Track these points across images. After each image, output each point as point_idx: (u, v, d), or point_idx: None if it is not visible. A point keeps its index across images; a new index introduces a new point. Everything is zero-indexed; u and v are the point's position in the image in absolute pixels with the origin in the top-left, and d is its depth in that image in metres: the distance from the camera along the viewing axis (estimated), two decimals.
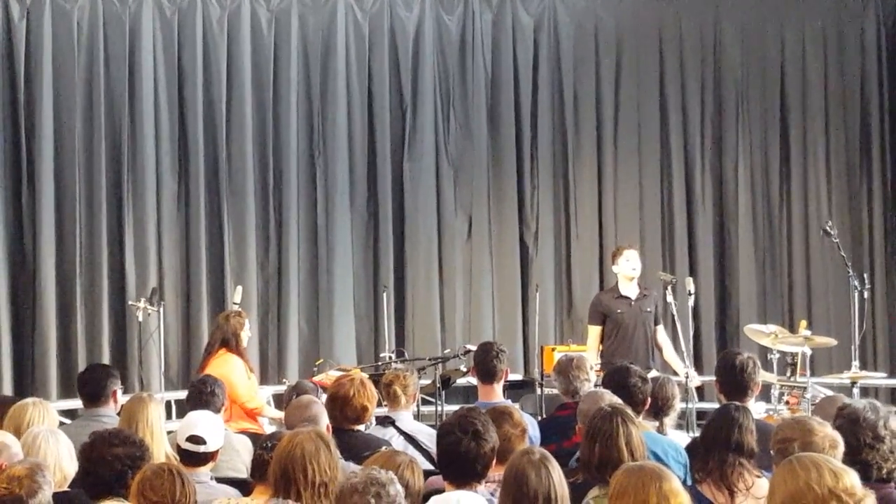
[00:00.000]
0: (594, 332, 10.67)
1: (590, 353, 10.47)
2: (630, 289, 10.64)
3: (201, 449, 5.99)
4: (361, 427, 7.11)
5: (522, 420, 6.11)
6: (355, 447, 6.25)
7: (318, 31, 13.08)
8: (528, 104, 13.54)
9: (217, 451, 6.11)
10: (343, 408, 6.87)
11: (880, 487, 5.01)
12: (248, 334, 9.73)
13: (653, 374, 8.65)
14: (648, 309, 10.58)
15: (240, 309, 10.35)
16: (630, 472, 4.45)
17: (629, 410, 5.73)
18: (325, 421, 6.51)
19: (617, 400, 6.30)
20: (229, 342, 9.46)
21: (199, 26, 12.67)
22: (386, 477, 4.37)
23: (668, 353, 10.66)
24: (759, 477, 5.51)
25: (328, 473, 4.93)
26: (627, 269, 10.63)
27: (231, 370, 9.24)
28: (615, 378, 7.26)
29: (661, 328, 10.69)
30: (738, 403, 6.08)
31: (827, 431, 5.30)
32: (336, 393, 6.98)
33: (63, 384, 11.90)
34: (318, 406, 6.65)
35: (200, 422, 6.11)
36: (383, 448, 6.04)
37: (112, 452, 5.31)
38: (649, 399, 7.14)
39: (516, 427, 5.96)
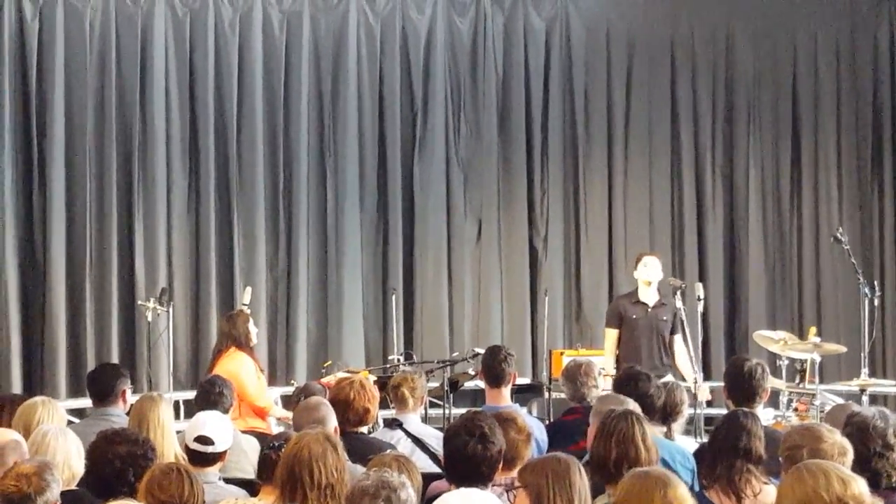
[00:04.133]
0: (612, 335, 10.61)
1: (607, 356, 10.45)
2: (648, 295, 10.58)
3: (209, 449, 5.99)
4: (365, 429, 7.11)
5: (527, 425, 6.09)
6: (360, 450, 6.24)
7: (329, 34, 13.09)
8: (539, 108, 13.54)
9: (225, 452, 6.11)
10: (345, 411, 6.86)
11: (889, 495, 5.01)
12: (255, 329, 9.71)
13: (665, 379, 8.59)
14: (664, 318, 10.52)
15: (241, 308, 10.34)
16: (636, 478, 4.43)
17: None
18: (333, 422, 6.50)
19: (632, 405, 6.27)
20: (239, 340, 9.44)
21: (211, 27, 12.68)
22: (398, 481, 4.34)
23: (682, 363, 10.59)
24: (766, 483, 5.50)
25: (335, 475, 4.92)
26: (644, 275, 10.59)
27: (240, 367, 9.22)
28: (629, 383, 7.25)
29: (678, 337, 10.60)
30: (746, 409, 6.07)
31: (836, 439, 5.29)
32: (337, 397, 6.97)
33: (72, 383, 11.92)
34: (327, 407, 6.64)
35: (209, 422, 6.11)
36: (387, 451, 6.04)
37: (113, 451, 5.32)
38: (657, 405, 7.13)
39: (521, 432, 5.95)
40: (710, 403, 10.99)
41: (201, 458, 5.96)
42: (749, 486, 5.46)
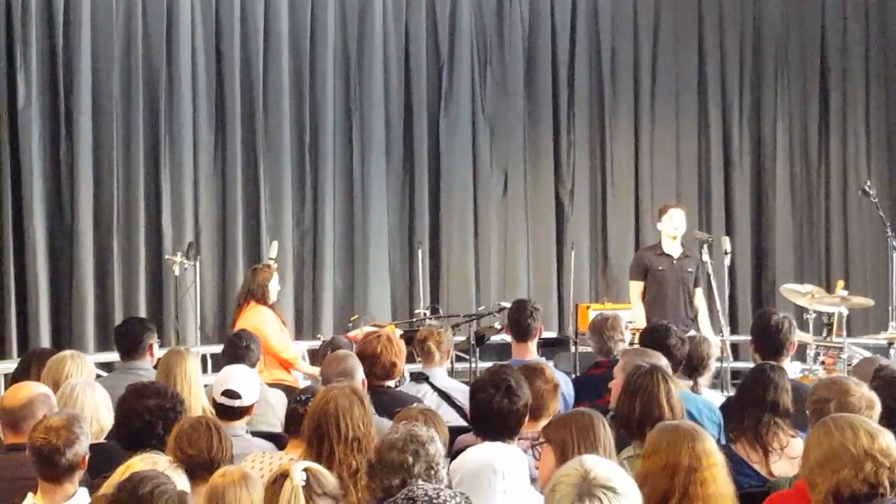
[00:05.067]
0: (637, 287, 10.50)
1: (634, 309, 10.39)
2: (673, 247, 10.49)
3: (236, 403, 6.02)
4: (392, 383, 7.13)
5: (554, 376, 6.11)
6: (386, 403, 6.26)
7: None
8: (565, 61, 13.49)
9: (252, 406, 6.13)
10: (372, 365, 6.88)
11: None
12: (277, 287, 9.68)
13: (690, 333, 8.57)
14: (689, 269, 10.44)
15: (268, 262, 10.33)
16: (663, 432, 4.42)
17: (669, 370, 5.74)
18: (360, 374, 6.52)
19: (664, 362, 6.25)
20: (256, 294, 9.44)
21: None
22: (426, 435, 4.33)
23: (702, 318, 10.54)
24: (793, 437, 5.49)
25: (361, 429, 4.93)
26: (670, 228, 10.48)
27: (262, 321, 9.22)
28: (654, 336, 7.24)
29: (699, 291, 10.56)
30: (773, 363, 6.06)
31: (864, 392, 5.28)
32: (364, 351, 6.99)
33: (100, 337, 11.97)
34: (354, 359, 6.67)
35: (235, 376, 6.14)
36: (414, 405, 6.05)
37: (142, 404, 5.34)
38: (683, 359, 7.12)
39: (548, 383, 5.97)
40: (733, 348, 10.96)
41: (229, 411, 5.99)
42: (776, 439, 5.46)
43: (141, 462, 4.61)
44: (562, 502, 3.20)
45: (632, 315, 10.02)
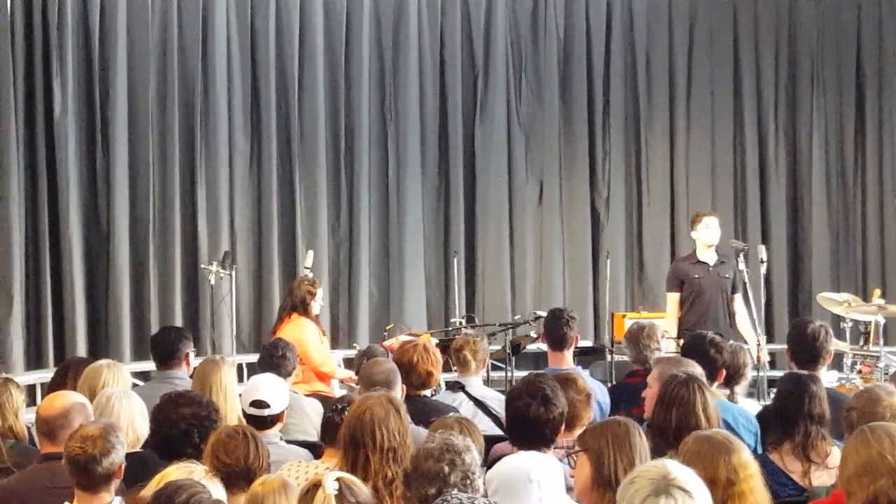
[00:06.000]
0: (673, 299, 10.44)
1: (669, 320, 10.31)
2: (708, 255, 10.42)
3: (265, 412, 6.01)
4: (428, 392, 7.12)
5: (587, 386, 6.09)
6: (422, 412, 6.25)
7: None
8: (601, 69, 13.47)
9: (283, 413, 6.13)
10: (408, 374, 6.87)
11: None
12: (319, 303, 9.65)
13: (729, 342, 8.51)
14: (727, 275, 10.36)
15: (312, 276, 10.32)
16: (699, 443, 4.39)
17: (704, 379, 5.70)
18: (399, 381, 6.52)
19: (698, 370, 6.21)
20: (296, 307, 9.46)
21: None
22: (462, 444, 4.31)
23: (742, 322, 10.49)
24: (833, 446, 5.46)
25: (397, 438, 4.92)
26: (705, 237, 10.41)
27: (303, 333, 9.23)
28: (692, 346, 7.20)
29: (738, 296, 10.47)
30: (808, 372, 6.02)
31: (892, 401, 5.25)
32: (400, 360, 6.98)
33: (136, 346, 12.01)
34: (394, 366, 6.68)
35: (262, 386, 6.13)
36: (450, 413, 6.04)
37: (178, 412, 5.35)
38: (724, 369, 7.07)
39: (581, 393, 5.95)
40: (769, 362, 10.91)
41: (259, 421, 5.97)
42: (816, 450, 5.41)
43: (177, 471, 4.61)
44: (638, 494, 3.28)
45: (663, 326, 9.95)
